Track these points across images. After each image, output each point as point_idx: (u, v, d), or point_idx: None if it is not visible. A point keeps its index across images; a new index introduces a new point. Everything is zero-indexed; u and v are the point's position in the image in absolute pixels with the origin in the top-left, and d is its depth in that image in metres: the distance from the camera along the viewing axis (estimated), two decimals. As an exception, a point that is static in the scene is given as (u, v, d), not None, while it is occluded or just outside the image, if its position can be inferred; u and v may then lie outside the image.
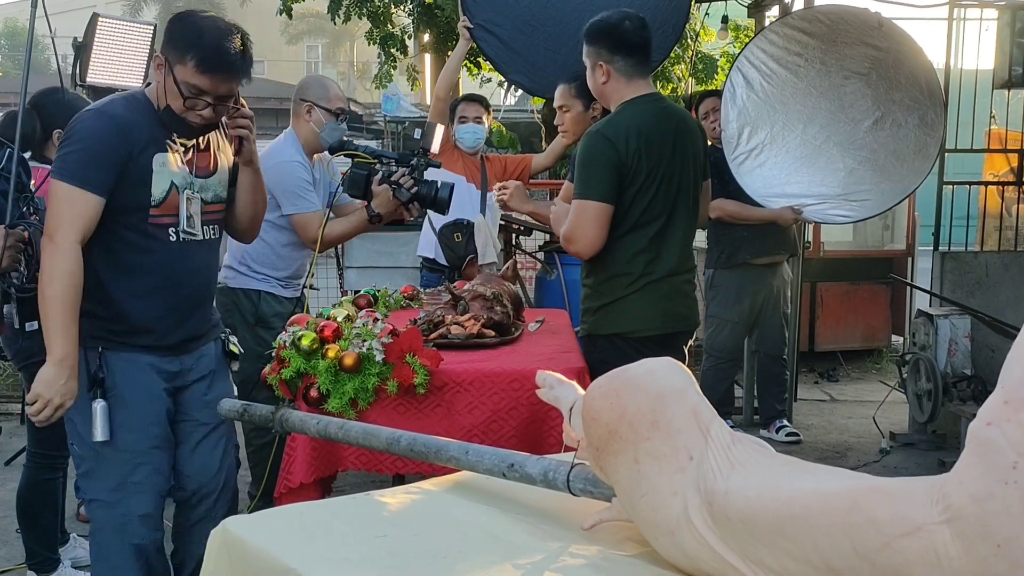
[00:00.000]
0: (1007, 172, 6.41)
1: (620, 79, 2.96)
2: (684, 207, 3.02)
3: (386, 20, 9.98)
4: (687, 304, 3.09)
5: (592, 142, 2.94)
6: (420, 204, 3.50)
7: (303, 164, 3.70)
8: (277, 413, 2.28)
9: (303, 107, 3.75)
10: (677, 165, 2.98)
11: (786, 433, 5.42)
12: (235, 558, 1.47)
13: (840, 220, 5.47)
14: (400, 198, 3.43)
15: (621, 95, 2.98)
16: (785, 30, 5.08)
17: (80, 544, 3.67)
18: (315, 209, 3.65)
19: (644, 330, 2.96)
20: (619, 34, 2.94)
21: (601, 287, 3.02)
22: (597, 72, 2.98)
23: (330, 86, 3.88)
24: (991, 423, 0.95)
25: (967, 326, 5.26)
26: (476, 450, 1.71)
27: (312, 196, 3.68)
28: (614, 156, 2.88)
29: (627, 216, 2.94)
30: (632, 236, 2.95)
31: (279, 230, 3.68)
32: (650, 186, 2.92)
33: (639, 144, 2.89)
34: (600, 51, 2.95)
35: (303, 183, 3.66)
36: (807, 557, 1.09)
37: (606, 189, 2.89)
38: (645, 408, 1.31)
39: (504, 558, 1.37)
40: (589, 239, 2.93)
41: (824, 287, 7.39)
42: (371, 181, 3.46)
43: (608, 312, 3.00)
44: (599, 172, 2.89)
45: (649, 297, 2.96)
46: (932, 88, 5.02)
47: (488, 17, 4.68)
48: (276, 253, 3.74)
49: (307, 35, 35.77)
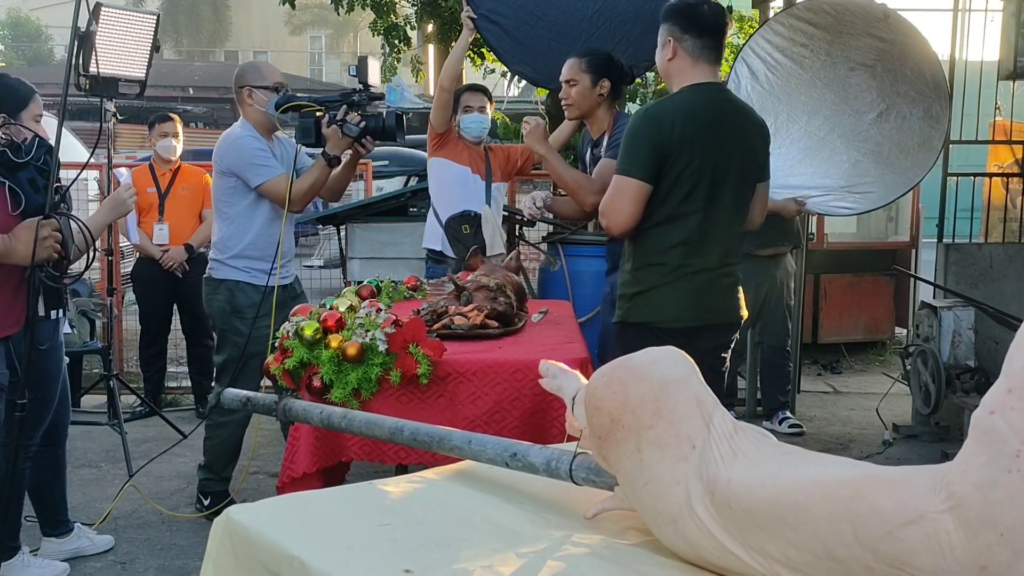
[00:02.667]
0: (1011, 164, 6.39)
1: (686, 59, 2.93)
2: (728, 203, 2.95)
3: (390, 10, 9.96)
4: (723, 298, 3.01)
5: (638, 120, 2.94)
6: (372, 136, 3.66)
7: (255, 137, 3.86)
8: (280, 403, 2.28)
9: (244, 93, 3.92)
10: (724, 159, 2.92)
11: (789, 425, 5.42)
12: (238, 545, 1.48)
13: (843, 212, 5.46)
14: (349, 134, 3.61)
15: (684, 77, 2.94)
16: (791, 21, 5.06)
17: (84, 533, 3.69)
18: (279, 173, 3.80)
19: (674, 321, 2.92)
20: (694, 14, 2.92)
21: (637, 274, 2.98)
22: (665, 48, 2.95)
23: (261, 65, 4.11)
24: (994, 411, 0.95)
25: (971, 318, 5.25)
26: (479, 440, 1.71)
27: (272, 162, 3.84)
28: (656, 137, 2.85)
29: (665, 203, 2.90)
30: (670, 226, 2.91)
31: (253, 210, 3.85)
32: (690, 175, 2.87)
33: (684, 131, 2.85)
34: (672, 27, 2.93)
35: (259, 153, 3.82)
36: (809, 545, 1.09)
37: (646, 168, 2.86)
38: (648, 397, 1.31)
39: (507, 547, 1.37)
40: (623, 216, 2.90)
41: (828, 279, 7.38)
42: (320, 126, 3.64)
43: (641, 300, 2.97)
44: (641, 150, 2.87)
45: (683, 289, 2.92)
46: (937, 81, 5.00)
47: (491, 7, 4.67)
48: (256, 236, 3.86)
49: (311, 26, 35.77)
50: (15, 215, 3.08)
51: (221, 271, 3.93)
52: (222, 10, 37.52)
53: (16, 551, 3.36)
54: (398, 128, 3.63)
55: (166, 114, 5.99)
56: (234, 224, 3.89)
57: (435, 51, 10.81)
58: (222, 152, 3.87)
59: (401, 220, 5.56)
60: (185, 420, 5.52)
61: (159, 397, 5.91)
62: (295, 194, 3.72)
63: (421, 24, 10.37)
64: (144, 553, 3.72)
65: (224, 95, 26.97)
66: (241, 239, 3.87)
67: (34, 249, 2.95)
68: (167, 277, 5.67)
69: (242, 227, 3.88)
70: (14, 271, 3.12)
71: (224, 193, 3.91)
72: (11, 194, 3.08)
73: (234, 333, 3.86)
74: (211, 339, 5.96)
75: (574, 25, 4.62)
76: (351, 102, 3.61)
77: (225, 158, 3.86)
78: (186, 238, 5.68)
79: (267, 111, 3.82)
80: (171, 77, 25.19)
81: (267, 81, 3.90)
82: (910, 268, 7.36)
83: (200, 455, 4.13)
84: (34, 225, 2.99)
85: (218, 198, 3.96)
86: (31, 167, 3.13)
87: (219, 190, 3.94)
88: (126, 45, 4.75)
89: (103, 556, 3.66)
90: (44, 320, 3.23)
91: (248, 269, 3.89)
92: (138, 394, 5.73)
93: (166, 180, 5.74)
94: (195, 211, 5.79)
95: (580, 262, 5.20)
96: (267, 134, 3.91)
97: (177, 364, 6.50)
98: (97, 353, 5.72)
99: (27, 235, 3.00)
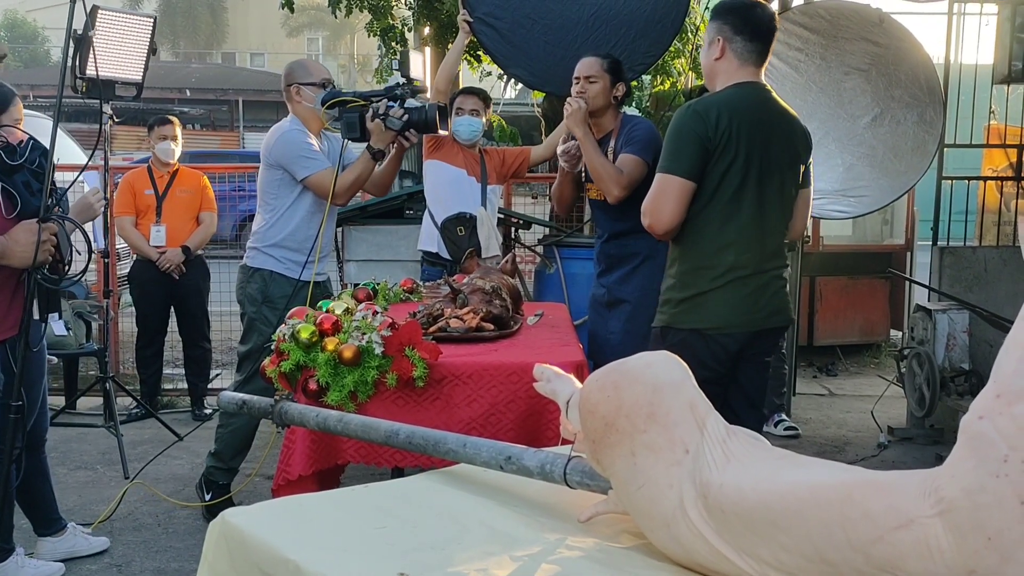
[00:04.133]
0: (1006, 167, 6.41)
1: (734, 60, 2.90)
2: (776, 202, 2.90)
3: (386, 13, 9.96)
4: (775, 301, 2.94)
5: (681, 116, 2.88)
6: (416, 129, 3.69)
7: (303, 131, 3.89)
8: (276, 406, 2.29)
9: (292, 91, 3.96)
10: (770, 157, 2.87)
11: (784, 427, 5.43)
12: (233, 548, 1.48)
13: (838, 215, 5.48)
14: (393, 127, 3.63)
15: (729, 76, 2.91)
16: (786, 25, 5.09)
17: (80, 533, 3.68)
18: (326, 166, 3.83)
19: (727, 327, 2.86)
20: (747, 15, 2.89)
21: (685, 278, 2.90)
22: (713, 47, 2.91)
23: (308, 63, 4.12)
24: (983, 416, 0.96)
25: (965, 321, 5.26)
26: (474, 443, 1.72)
27: (319, 156, 3.86)
28: (702, 131, 2.80)
29: (712, 202, 2.84)
30: (719, 227, 2.84)
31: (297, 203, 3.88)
32: (738, 169, 2.82)
33: (729, 124, 2.80)
34: (723, 27, 2.90)
35: (307, 146, 3.85)
36: (801, 549, 1.10)
37: (690, 165, 2.81)
38: (642, 401, 1.31)
39: (502, 550, 1.37)
40: (667, 215, 2.83)
41: (823, 281, 7.39)
42: (364, 121, 3.66)
43: (691, 306, 2.89)
44: (684, 147, 2.82)
45: (735, 293, 2.85)
46: (932, 86, 5.03)
47: (488, 10, 4.68)
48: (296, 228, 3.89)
49: (308, 28, 35.77)
50: (11, 218, 3.08)
51: (258, 259, 3.95)
52: (219, 12, 37.50)
53: (10, 552, 3.36)
54: (440, 119, 3.65)
55: (165, 117, 5.99)
56: (276, 215, 3.91)
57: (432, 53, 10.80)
58: (270, 145, 3.91)
59: (397, 223, 5.57)
60: (181, 422, 5.52)
61: (155, 399, 5.91)
62: (340, 187, 3.76)
63: (418, 26, 10.37)
64: (140, 555, 3.72)
65: (221, 97, 26.98)
66: (282, 230, 3.89)
67: (36, 251, 2.95)
68: (164, 279, 5.66)
69: (284, 218, 3.90)
70: (11, 274, 3.12)
71: (270, 185, 3.93)
72: (7, 196, 3.08)
73: (263, 323, 3.87)
74: (208, 341, 5.96)
75: (569, 29, 4.64)
76: (393, 96, 3.64)
77: (273, 151, 3.88)
78: (183, 240, 5.68)
79: (314, 107, 3.83)
80: (168, 79, 25.17)
81: (314, 78, 3.94)
82: (905, 271, 7.38)
83: (196, 457, 4.14)
84: (31, 227, 2.99)
85: (264, 189, 3.97)
86: (26, 170, 3.13)
87: (266, 182, 3.95)
88: (123, 47, 4.75)
89: (99, 558, 3.66)
90: (37, 323, 3.23)
91: (284, 260, 3.90)
92: (134, 396, 5.73)
93: (164, 182, 5.74)
94: (192, 213, 5.78)
95: (576, 264, 5.22)
96: (315, 130, 3.94)
97: (173, 366, 6.50)
98: (93, 355, 5.72)
99: (24, 237, 3.00)
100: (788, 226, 3.01)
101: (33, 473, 3.49)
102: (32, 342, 3.18)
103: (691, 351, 2.46)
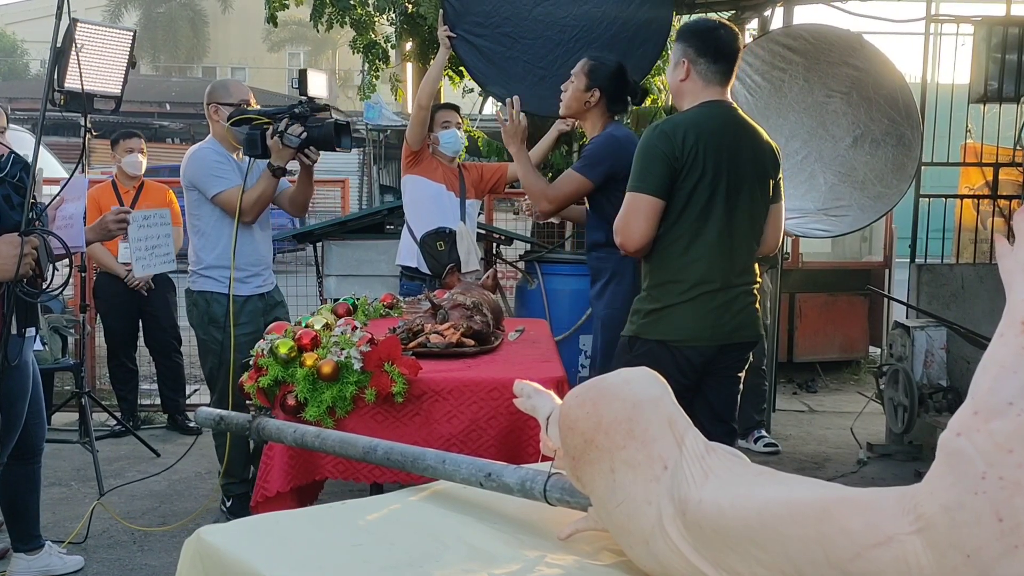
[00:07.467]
0: (982, 186, 6.48)
1: (698, 81, 2.94)
2: (745, 218, 2.94)
3: (369, 28, 9.98)
4: (741, 316, 2.98)
5: (649, 136, 2.92)
6: (316, 146, 3.74)
7: (215, 151, 3.98)
8: (254, 422, 2.27)
9: (211, 109, 4.05)
10: (738, 174, 2.91)
11: (764, 444, 5.44)
12: (209, 567, 1.46)
13: (819, 234, 5.51)
14: (290, 144, 3.69)
15: (695, 96, 2.96)
16: (771, 45, 5.14)
17: (54, 551, 3.64)
18: (234, 184, 3.89)
19: (692, 340, 2.91)
20: (711, 38, 2.94)
21: (654, 291, 2.95)
22: (679, 68, 2.96)
23: (230, 84, 4.21)
24: (961, 433, 0.96)
25: (943, 338, 5.30)
26: (453, 459, 1.71)
27: (229, 174, 3.93)
28: (668, 150, 2.84)
29: (682, 218, 2.88)
30: (688, 243, 2.89)
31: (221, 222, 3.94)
32: (705, 186, 2.86)
33: (696, 142, 2.84)
34: (687, 49, 2.95)
35: (215, 165, 3.93)
36: (779, 566, 1.09)
37: (658, 183, 2.85)
38: (621, 417, 1.31)
39: (481, 567, 1.36)
40: (637, 233, 2.88)
41: (803, 298, 7.44)
42: (265, 138, 3.73)
43: (658, 317, 2.94)
44: (651, 166, 2.86)
45: (701, 307, 2.90)
46: (909, 110, 5.09)
47: (468, 28, 4.70)
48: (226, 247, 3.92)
49: (289, 42, 35.73)
50: None
51: (198, 283, 4.01)
52: (200, 26, 37.41)
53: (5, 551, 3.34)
54: (337, 135, 3.68)
55: (130, 131, 5.99)
56: (204, 236, 3.99)
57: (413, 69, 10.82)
58: (185, 166, 4.01)
59: (377, 237, 5.56)
60: (159, 438, 5.47)
61: (134, 415, 5.85)
62: (244, 204, 3.83)
63: (400, 43, 10.39)
64: (114, 573, 3.68)
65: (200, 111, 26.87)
66: (212, 250, 3.96)
67: (18, 265, 2.91)
68: (131, 293, 5.63)
69: (212, 239, 3.97)
70: None
71: (192, 206, 4.03)
72: None
73: (212, 343, 3.95)
74: (180, 354, 5.92)
75: (550, 49, 4.67)
76: (293, 114, 3.71)
77: (187, 172, 3.99)
78: (151, 256, 5.63)
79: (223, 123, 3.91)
80: (148, 92, 25.06)
81: (232, 98, 4.01)
82: (884, 288, 7.43)
83: (172, 473, 4.10)
84: (14, 240, 2.95)
85: (189, 212, 4.08)
86: (6, 183, 3.10)
87: (188, 204, 4.06)
88: (102, 61, 4.72)
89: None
90: (15, 337, 3.19)
91: (222, 279, 3.94)
92: (110, 411, 5.67)
93: (130, 197, 5.69)
94: (159, 229, 5.74)
95: (557, 280, 5.22)
96: (233, 149, 4.00)
97: (150, 381, 6.44)
98: (69, 370, 5.66)
99: (6, 250, 2.97)
100: (759, 241, 3.05)
101: (23, 484, 3.48)
102: (10, 356, 3.14)
103: (656, 362, 2.47)
